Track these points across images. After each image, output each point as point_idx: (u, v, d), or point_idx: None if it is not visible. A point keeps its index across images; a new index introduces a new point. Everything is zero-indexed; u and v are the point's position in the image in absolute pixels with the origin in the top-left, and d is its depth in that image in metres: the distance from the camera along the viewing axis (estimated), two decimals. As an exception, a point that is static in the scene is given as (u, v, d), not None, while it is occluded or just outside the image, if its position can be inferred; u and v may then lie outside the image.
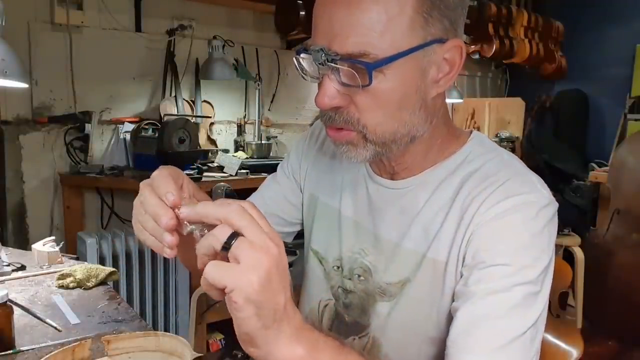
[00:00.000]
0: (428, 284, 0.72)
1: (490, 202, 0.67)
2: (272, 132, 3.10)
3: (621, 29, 3.89)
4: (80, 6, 2.37)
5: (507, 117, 4.02)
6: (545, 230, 0.66)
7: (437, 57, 0.65)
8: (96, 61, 2.44)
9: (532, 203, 0.66)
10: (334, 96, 0.64)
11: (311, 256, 0.89)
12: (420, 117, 0.67)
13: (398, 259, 0.75)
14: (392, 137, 0.67)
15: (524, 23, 3.88)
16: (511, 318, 0.62)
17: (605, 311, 2.84)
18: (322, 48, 0.61)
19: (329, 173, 0.87)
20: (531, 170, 0.73)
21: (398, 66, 0.61)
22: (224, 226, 0.49)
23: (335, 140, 0.70)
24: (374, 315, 0.78)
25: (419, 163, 0.75)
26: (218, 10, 2.84)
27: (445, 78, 0.67)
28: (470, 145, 0.75)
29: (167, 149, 2.25)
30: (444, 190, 0.72)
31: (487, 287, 0.64)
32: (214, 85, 2.81)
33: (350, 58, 0.61)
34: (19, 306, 1.06)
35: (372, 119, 0.65)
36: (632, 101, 3.74)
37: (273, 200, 0.94)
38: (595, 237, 3.07)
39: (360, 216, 0.81)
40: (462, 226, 0.69)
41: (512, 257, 0.64)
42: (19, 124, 2.27)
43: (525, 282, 0.64)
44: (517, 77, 4.54)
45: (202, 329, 2.28)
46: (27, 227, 2.33)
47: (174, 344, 0.75)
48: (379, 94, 0.63)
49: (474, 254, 0.67)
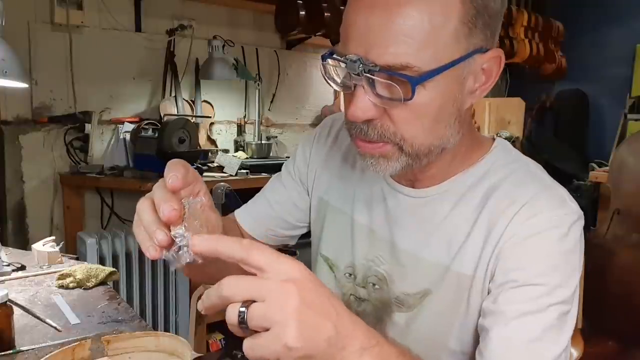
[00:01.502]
0: (451, 297, 0.70)
1: (520, 219, 0.65)
2: (272, 132, 3.10)
3: (621, 29, 3.89)
4: (80, 6, 2.36)
5: (507, 117, 4.02)
6: (577, 247, 0.66)
7: (476, 67, 0.62)
8: (96, 61, 2.44)
9: (563, 220, 0.65)
10: (368, 109, 0.60)
11: (321, 262, 0.86)
12: (454, 129, 0.65)
13: (417, 270, 0.73)
14: (427, 150, 0.64)
15: (524, 23, 3.88)
16: (546, 340, 0.61)
17: (605, 311, 2.84)
18: (360, 58, 0.57)
19: (340, 177, 0.84)
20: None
21: (439, 79, 0.58)
22: (233, 306, 0.47)
23: (368, 153, 0.65)
24: (390, 325, 0.76)
25: (443, 172, 0.72)
26: (218, 10, 2.84)
27: (481, 88, 0.64)
28: (495, 154, 0.72)
29: (167, 149, 2.25)
30: (468, 202, 0.70)
31: (520, 307, 0.62)
32: (214, 85, 2.81)
33: (390, 70, 0.57)
34: (19, 306, 1.06)
35: (409, 132, 0.61)
36: (632, 101, 3.74)
37: (280, 204, 0.91)
38: (595, 237, 3.07)
39: (375, 223, 0.78)
40: (490, 242, 0.67)
41: (545, 277, 0.63)
42: (19, 124, 2.26)
43: (559, 302, 0.63)
44: (517, 77, 4.54)
45: (202, 329, 2.28)
46: (27, 227, 2.33)
47: (174, 344, 0.75)
48: (417, 107, 0.60)
49: (505, 272, 0.65)
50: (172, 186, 0.53)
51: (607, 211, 3.10)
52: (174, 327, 2.38)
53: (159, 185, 0.55)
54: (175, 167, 0.55)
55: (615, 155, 3.18)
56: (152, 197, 0.54)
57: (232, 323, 0.47)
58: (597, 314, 2.83)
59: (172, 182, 0.53)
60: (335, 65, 0.63)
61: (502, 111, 4.04)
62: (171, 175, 0.53)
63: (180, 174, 0.54)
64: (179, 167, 0.55)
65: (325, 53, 0.63)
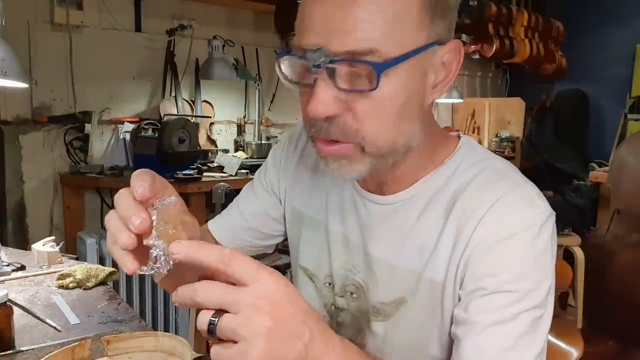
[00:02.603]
0: (426, 304, 0.68)
1: (488, 221, 0.63)
2: (272, 132, 3.11)
3: (621, 29, 3.89)
4: (80, 6, 2.37)
5: (507, 117, 4.02)
6: (548, 247, 0.63)
7: (436, 60, 0.60)
8: (96, 61, 2.44)
9: (533, 222, 0.62)
10: (329, 103, 0.56)
11: (300, 273, 0.83)
12: (417, 126, 0.62)
13: (391, 278, 0.71)
14: (391, 148, 0.60)
15: (524, 23, 3.89)
16: (520, 348, 0.60)
17: (605, 311, 2.84)
18: (320, 48, 0.54)
19: (312, 186, 0.81)
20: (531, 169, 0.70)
21: (402, 69, 0.55)
22: (205, 313, 0.46)
23: (328, 155, 0.61)
24: (369, 335, 0.75)
25: (409, 175, 0.69)
26: (218, 10, 2.84)
27: (442, 83, 0.62)
28: (461, 154, 0.69)
29: (167, 149, 2.26)
30: (435, 206, 0.67)
31: (492, 316, 0.60)
32: (214, 85, 2.81)
33: (354, 57, 0.54)
34: (19, 306, 1.06)
35: (372, 129, 0.58)
36: (632, 101, 3.74)
37: (254, 215, 0.88)
38: (595, 237, 3.07)
39: (349, 231, 0.75)
40: (458, 246, 0.64)
41: (517, 283, 0.61)
42: (19, 124, 2.27)
43: (531, 307, 0.61)
44: (517, 77, 4.54)
45: (202, 329, 2.28)
46: (27, 227, 2.33)
47: (173, 344, 0.75)
48: (381, 100, 0.56)
49: (474, 279, 0.63)
50: (142, 196, 0.50)
51: (607, 211, 3.10)
52: (174, 327, 2.38)
53: (123, 196, 0.52)
54: (141, 177, 0.52)
55: (615, 155, 3.18)
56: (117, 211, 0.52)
57: (201, 329, 0.46)
58: (597, 314, 2.83)
59: (141, 192, 0.50)
60: (290, 60, 0.59)
61: (502, 111, 4.05)
62: (139, 185, 0.51)
63: (147, 182, 0.51)
64: (145, 176, 0.52)
65: (281, 51, 0.60)
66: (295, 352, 0.47)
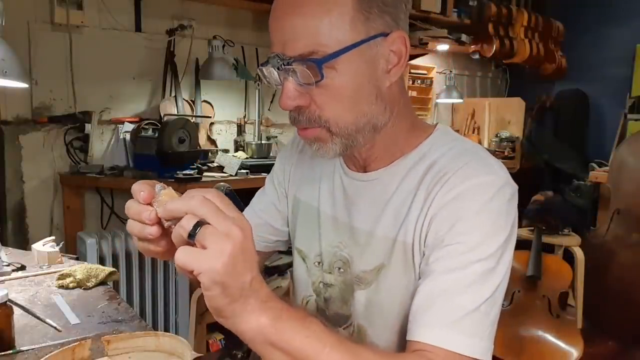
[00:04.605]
0: (401, 267, 0.76)
1: (450, 185, 0.72)
2: (272, 132, 3.11)
3: (621, 29, 3.89)
4: (80, 6, 2.36)
5: (507, 117, 4.02)
6: (503, 209, 0.71)
7: (384, 50, 0.71)
8: (96, 61, 2.44)
9: (489, 184, 0.71)
10: (294, 97, 0.70)
11: (296, 255, 0.93)
12: (379, 107, 0.73)
13: (372, 247, 0.79)
14: (355, 127, 0.72)
15: (524, 23, 3.89)
16: (466, 294, 0.67)
17: (605, 311, 2.84)
18: (278, 54, 0.68)
19: (309, 174, 0.92)
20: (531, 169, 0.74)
21: (346, 60, 0.68)
22: (190, 216, 0.53)
23: (305, 139, 0.75)
24: (353, 304, 0.82)
25: (388, 154, 0.79)
26: (218, 10, 2.84)
27: (395, 68, 0.72)
28: (435, 136, 0.80)
29: (167, 149, 2.25)
30: (411, 177, 0.77)
31: (445, 264, 0.69)
32: (214, 85, 2.81)
33: (302, 58, 0.67)
34: (19, 306, 1.06)
35: (331, 113, 0.71)
36: (632, 101, 3.74)
37: (264, 211, 0.98)
38: (595, 237, 3.07)
39: (338, 211, 0.85)
40: (424, 208, 0.73)
41: (468, 236, 0.69)
42: (18, 124, 2.27)
43: (480, 259, 0.68)
44: (517, 77, 4.55)
45: (202, 329, 2.28)
46: (27, 227, 2.33)
47: (174, 344, 0.75)
48: (333, 89, 0.69)
49: (435, 234, 0.72)
50: (144, 199, 0.59)
51: (607, 211, 3.11)
52: (174, 327, 2.38)
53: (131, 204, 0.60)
54: (140, 186, 0.60)
55: (615, 155, 3.19)
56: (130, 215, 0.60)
57: (184, 229, 0.53)
58: (597, 314, 2.83)
59: (143, 196, 0.59)
60: (267, 69, 0.72)
61: (502, 111, 4.05)
62: (140, 192, 0.59)
63: (146, 189, 0.59)
64: (144, 185, 0.60)
65: (264, 62, 0.73)
66: (244, 278, 0.54)
